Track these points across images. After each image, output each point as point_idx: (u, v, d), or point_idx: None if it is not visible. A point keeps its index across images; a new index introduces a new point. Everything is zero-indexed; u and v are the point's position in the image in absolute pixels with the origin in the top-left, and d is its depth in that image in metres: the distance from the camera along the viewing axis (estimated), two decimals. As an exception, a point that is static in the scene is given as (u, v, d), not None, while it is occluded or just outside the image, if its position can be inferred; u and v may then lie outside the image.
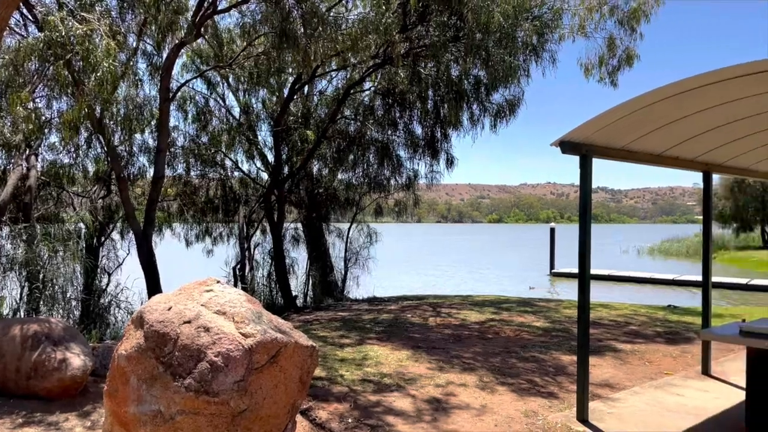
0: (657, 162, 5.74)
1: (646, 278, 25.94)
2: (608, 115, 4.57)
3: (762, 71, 3.98)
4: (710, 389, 5.54)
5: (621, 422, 4.62)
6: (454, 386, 5.55)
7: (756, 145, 6.13)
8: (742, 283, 24.33)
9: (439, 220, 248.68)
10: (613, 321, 9.31)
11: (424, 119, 11.88)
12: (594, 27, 12.31)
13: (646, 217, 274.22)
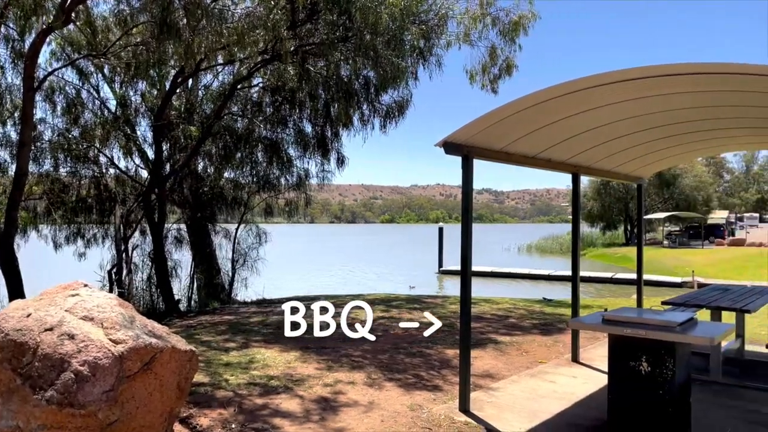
0: (532, 164, 6.09)
1: (525, 274, 27.62)
2: (487, 118, 4.77)
3: (619, 81, 4.35)
4: (579, 375, 5.98)
5: (499, 410, 4.86)
6: (343, 385, 5.55)
7: (618, 149, 6.70)
8: (608, 276, 26.62)
9: (333, 221, 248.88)
10: (494, 315, 9.79)
11: (314, 118, 11.82)
12: (478, 36, 12.88)
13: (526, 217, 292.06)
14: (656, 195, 48.54)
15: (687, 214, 45.65)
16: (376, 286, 21.92)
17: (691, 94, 4.78)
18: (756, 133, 6.04)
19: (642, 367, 3.97)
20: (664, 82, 4.38)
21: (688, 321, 4.07)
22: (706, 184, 51.08)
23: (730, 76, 4.06)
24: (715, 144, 7.06)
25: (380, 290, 17.86)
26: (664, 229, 48.21)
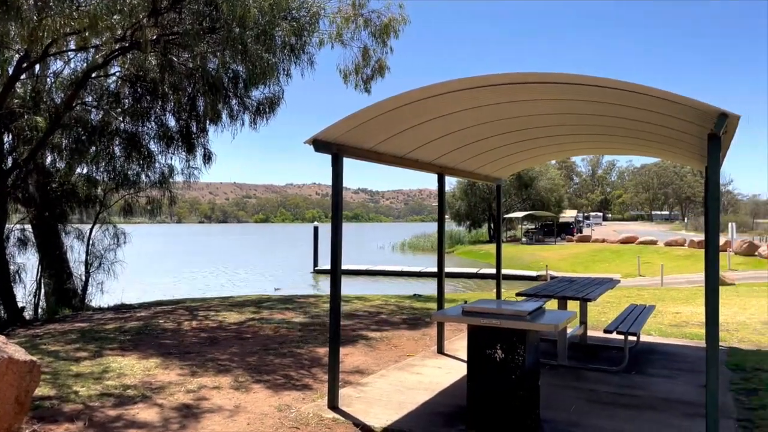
0: (401, 163, 6.25)
1: (397, 271, 28.38)
2: (356, 117, 4.81)
3: (479, 86, 4.58)
4: (444, 366, 6.24)
5: (367, 404, 4.93)
6: (208, 390, 5.32)
7: (479, 152, 7.08)
8: (473, 272, 28.16)
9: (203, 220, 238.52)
10: (366, 311, 9.94)
11: (179, 111, 11.22)
12: (350, 36, 12.98)
13: (400, 216, 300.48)
14: (516, 195, 52.17)
15: (542, 214, 49.59)
16: (248, 288, 21.35)
17: (543, 101, 5.16)
18: (597, 139, 6.68)
19: (497, 355, 4.23)
20: (520, 89, 4.69)
21: (537, 310, 4.41)
22: (558, 186, 55.84)
23: (573, 86, 4.44)
24: (566, 148, 7.70)
25: (252, 291, 17.42)
26: (522, 227, 51.94)
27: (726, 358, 6.60)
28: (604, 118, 5.41)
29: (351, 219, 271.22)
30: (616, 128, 5.72)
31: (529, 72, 4.27)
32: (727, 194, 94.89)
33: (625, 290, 14.46)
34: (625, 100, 4.39)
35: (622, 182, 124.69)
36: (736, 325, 8.74)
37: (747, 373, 5.96)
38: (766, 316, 9.54)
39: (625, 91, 4.08)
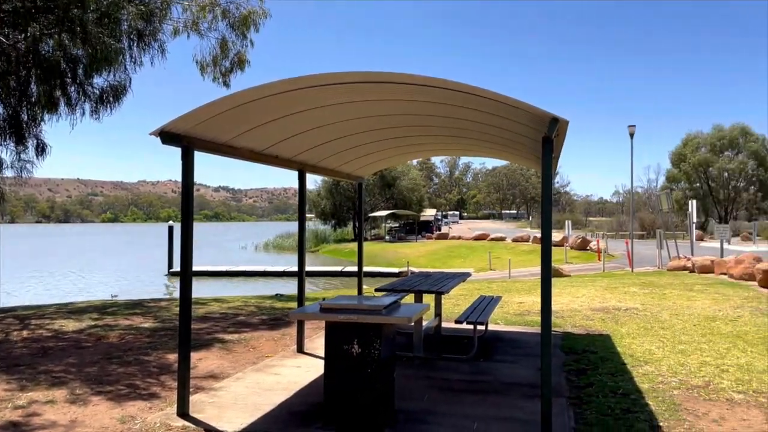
0: (259, 159, 6.07)
1: (260, 271, 27.74)
2: (210, 107, 4.58)
3: (338, 83, 4.57)
4: (303, 365, 6.18)
5: (221, 409, 4.73)
6: (39, 405, 4.78)
7: (340, 149, 7.10)
8: (338, 270, 28.35)
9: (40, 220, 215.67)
10: (223, 313, 9.57)
11: (6, 97, 9.96)
12: (208, 27, 12.43)
13: (264, 215, 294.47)
14: (380, 195, 53.44)
15: (404, 212, 51.32)
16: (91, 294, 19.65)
17: (397, 101, 5.29)
18: (448, 140, 7.01)
19: (354, 350, 4.27)
20: (373, 88, 4.75)
21: (393, 304, 4.51)
22: (419, 186, 58.12)
23: (422, 88, 4.59)
24: (421, 149, 7.99)
25: (94, 297, 16.06)
26: (386, 226, 53.35)
27: (560, 342, 7.27)
28: (453, 120, 5.69)
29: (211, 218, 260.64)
30: (463, 130, 6.03)
31: (381, 72, 4.33)
32: (565, 195, 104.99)
33: (477, 283, 15.40)
34: (470, 103, 4.64)
35: (477, 183, 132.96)
36: (570, 312, 9.67)
37: (578, 355, 6.61)
38: (595, 303, 10.66)
39: (470, 94, 4.30)
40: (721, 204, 56.00)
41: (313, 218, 56.76)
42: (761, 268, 12.78)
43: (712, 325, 8.42)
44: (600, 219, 77.81)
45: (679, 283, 13.83)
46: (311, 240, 51.36)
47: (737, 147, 55.25)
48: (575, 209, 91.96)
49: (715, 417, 4.56)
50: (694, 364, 6.21)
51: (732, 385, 5.42)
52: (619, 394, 5.11)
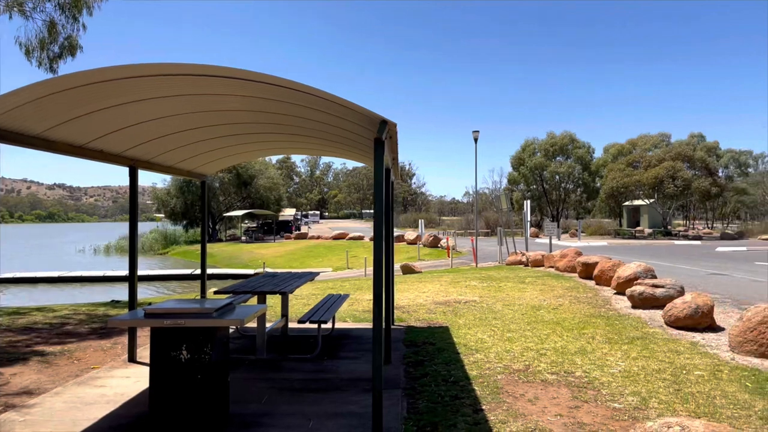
0: (81, 154, 5.58)
1: (97, 276, 25.58)
2: (17, 95, 4.10)
3: (177, 74, 4.31)
4: (133, 375, 5.78)
5: (33, 427, 4.27)
6: None
7: (178, 145, 6.75)
8: (188, 273, 27.02)
9: None
10: (48, 324, 8.66)
11: None
12: (33, 6, 11.24)
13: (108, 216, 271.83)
14: (236, 194, 51.82)
15: (262, 212, 50.26)
16: None
17: (238, 97, 5.14)
18: (293, 138, 6.97)
19: (182, 356, 4.07)
20: (220, 83, 4.56)
21: (226, 306, 4.38)
22: (278, 185, 57.25)
23: (261, 85, 4.51)
24: (266, 146, 7.85)
25: None
26: (243, 226, 51.86)
27: (403, 336, 7.56)
28: (296, 119, 5.66)
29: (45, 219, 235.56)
30: (307, 129, 6.04)
31: (221, 66, 4.17)
32: (421, 195, 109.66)
33: (332, 282, 15.53)
34: (310, 103, 4.65)
35: (338, 183, 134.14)
36: (416, 306, 10.10)
37: (418, 347, 6.92)
38: (439, 297, 11.24)
39: (308, 94, 4.31)
40: (554, 204, 62.00)
41: (162, 218, 53.51)
42: (581, 261, 14.33)
43: (538, 313, 9.27)
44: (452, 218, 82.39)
45: (513, 277, 15.06)
46: (160, 242, 48.39)
47: (567, 153, 61.55)
48: (430, 209, 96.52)
49: (531, 397, 5.01)
50: (518, 349, 6.78)
51: (547, 367, 6.01)
52: (450, 382, 5.42)
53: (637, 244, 34.41)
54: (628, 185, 45.34)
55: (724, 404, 4.76)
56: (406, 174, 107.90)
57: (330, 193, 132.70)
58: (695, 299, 8.14)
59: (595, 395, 5.04)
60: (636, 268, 11.43)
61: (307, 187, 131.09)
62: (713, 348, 6.87)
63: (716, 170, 50.49)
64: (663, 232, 43.06)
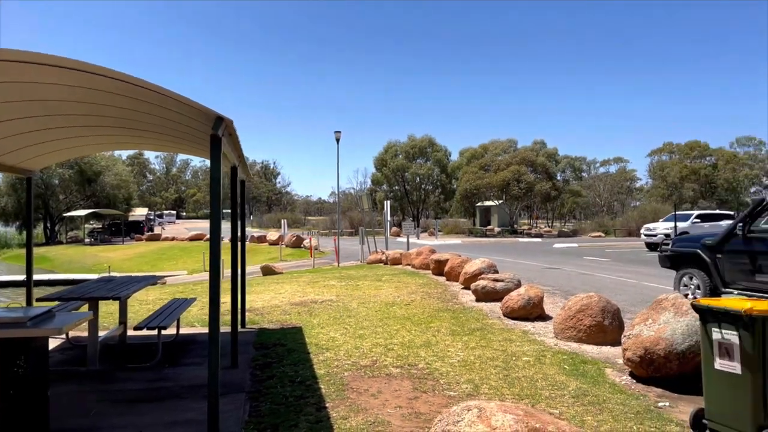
0: None
1: None
2: None
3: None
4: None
5: None
6: None
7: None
8: (21, 279, 24.27)
9: None
10: None
11: None
12: None
13: None
14: (78, 192, 47.52)
15: (109, 212, 46.56)
16: None
17: (66, 87, 4.71)
18: (131, 133, 6.53)
19: (-12, 372, 3.64)
20: (39, 71, 4.13)
21: (43, 315, 3.99)
22: (127, 182, 53.39)
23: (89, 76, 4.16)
24: (101, 141, 7.27)
25: None
26: (87, 227, 47.67)
27: (254, 338, 7.41)
28: (130, 113, 5.32)
29: None
30: (144, 123, 5.70)
31: (42, 53, 3.81)
32: (286, 195, 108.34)
33: (183, 286, 14.82)
34: (145, 96, 4.39)
35: (197, 181, 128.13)
36: (270, 308, 9.95)
37: (267, 349, 6.82)
38: (296, 297, 11.18)
39: (141, 88, 4.06)
40: (415, 204, 64.51)
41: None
42: (434, 259, 15.05)
43: (390, 310, 9.57)
44: (318, 218, 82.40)
45: (372, 275, 15.42)
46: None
47: (426, 155, 64.36)
48: (296, 209, 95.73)
49: (374, 392, 5.16)
50: (368, 346, 6.95)
51: (393, 361, 6.22)
52: (296, 383, 5.41)
53: (488, 242, 36.90)
54: (480, 187, 48.45)
55: (544, 386, 5.26)
56: (271, 173, 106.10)
57: (188, 192, 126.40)
58: (528, 291, 8.91)
59: (434, 385, 5.32)
60: (481, 264, 12.25)
61: (163, 186, 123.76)
62: (541, 335, 7.57)
63: (555, 174, 55.73)
64: (510, 230, 46.64)
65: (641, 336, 5.48)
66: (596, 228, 49.48)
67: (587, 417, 4.44)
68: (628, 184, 75.04)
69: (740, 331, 3.86)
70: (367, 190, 66.94)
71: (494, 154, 58.59)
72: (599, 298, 7.39)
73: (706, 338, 4.11)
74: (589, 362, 6.19)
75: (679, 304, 5.56)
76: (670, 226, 25.28)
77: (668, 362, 5.26)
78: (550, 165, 53.60)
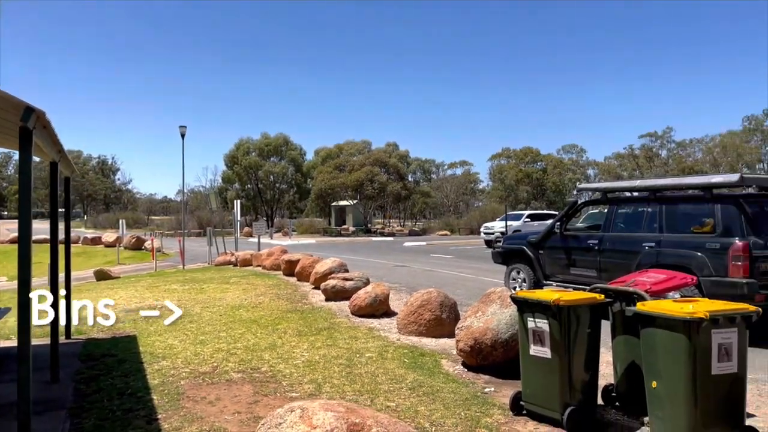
0: None
1: None
2: None
3: None
4: None
5: None
6: None
7: None
8: None
9: None
10: None
11: None
12: None
13: None
14: None
15: None
16: None
17: None
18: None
19: None
20: None
21: None
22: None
23: None
24: None
25: None
26: None
27: (80, 350, 6.78)
28: None
29: None
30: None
31: None
32: (127, 192, 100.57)
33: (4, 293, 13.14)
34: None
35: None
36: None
37: (95, 361, 6.27)
38: (132, 303, 10.42)
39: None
40: (269, 203, 63.42)
41: None
42: (285, 259, 14.90)
43: (236, 313, 9.30)
44: (163, 218, 77.59)
45: (219, 277, 14.87)
46: None
47: (281, 154, 63.59)
48: (138, 207, 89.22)
49: (212, 399, 4.97)
50: (209, 351, 6.69)
51: (235, 366, 6.05)
52: (126, 395, 5.05)
53: (342, 241, 37.41)
54: (335, 187, 48.93)
55: (384, 380, 5.44)
56: (109, 169, 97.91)
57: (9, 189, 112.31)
58: (375, 289, 9.17)
59: (276, 388, 5.26)
60: (331, 263, 12.36)
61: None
62: (385, 331, 7.83)
63: (407, 176, 58.06)
64: (364, 229, 47.70)
65: (472, 327, 5.89)
66: (443, 227, 52.38)
67: (421, 407, 4.67)
68: (472, 186, 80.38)
69: (550, 319, 4.30)
70: (216, 188, 64.46)
71: (349, 155, 59.50)
72: (438, 293, 7.81)
73: (523, 327, 4.53)
74: (428, 355, 6.52)
75: (504, 297, 6.07)
76: (507, 224, 27.51)
77: (494, 350, 5.72)
78: (402, 167, 55.67)
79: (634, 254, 8.10)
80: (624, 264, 7.96)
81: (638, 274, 5.04)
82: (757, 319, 3.75)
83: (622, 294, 4.57)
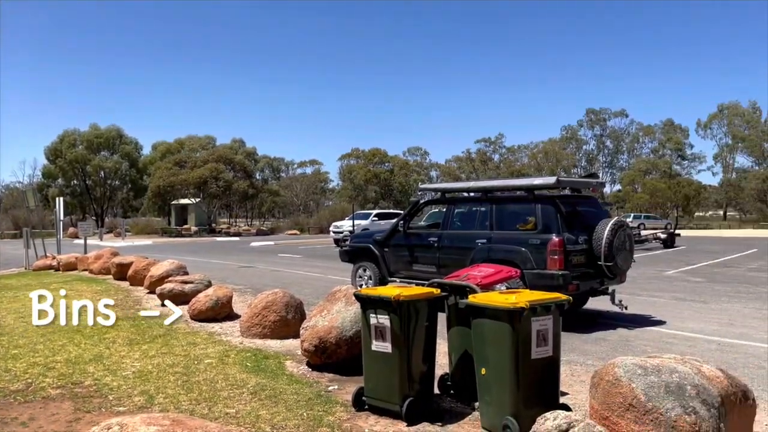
0: None
1: None
2: None
3: None
4: None
5: None
6: None
7: None
8: None
9: None
10: None
11: None
12: None
13: None
14: None
15: None
16: None
17: None
18: None
19: None
20: None
21: None
22: None
23: None
24: None
25: None
26: None
27: None
28: None
29: None
30: None
31: None
32: None
33: None
34: None
35: None
36: None
37: None
38: None
39: None
40: (99, 202, 58.11)
41: None
42: (115, 262, 13.72)
43: (55, 323, 8.34)
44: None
45: (37, 284, 13.25)
46: None
47: (114, 148, 58.58)
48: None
49: (25, 419, 4.40)
50: (23, 367, 5.92)
51: (54, 381, 5.42)
52: None
53: (183, 242, 35.43)
54: (175, 184, 46.20)
55: (223, 386, 5.21)
56: None
57: None
58: (216, 291, 8.78)
59: (101, 403, 4.79)
60: (169, 266, 11.62)
61: None
62: (228, 335, 7.52)
63: (254, 173, 56.66)
64: (208, 229, 45.66)
65: (317, 326, 5.87)
66: (293, 226, 51.94)
67: (262, 411, 4.54)
68: (322, 185, 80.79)
69: (391, 315, 4.42)
70: (35, 184, 57.58)
71: (191, 150, 56.56)
72: (284, 294, 7.69)
73: (366, 323, 4.60)
74: (272, 357, 6.38)
75: (350, 295, 6.13)
76: (354, 223, 28.02)
77: (339, 348, 5.75)
78: (249, 164, 54.27)
79: (468, 250, 8.67)
80: (460, 260, 8.47)
81: (470, 269, 5.39)
82: (568, 306, 4.19)
83: (457, 288, 4.84)
